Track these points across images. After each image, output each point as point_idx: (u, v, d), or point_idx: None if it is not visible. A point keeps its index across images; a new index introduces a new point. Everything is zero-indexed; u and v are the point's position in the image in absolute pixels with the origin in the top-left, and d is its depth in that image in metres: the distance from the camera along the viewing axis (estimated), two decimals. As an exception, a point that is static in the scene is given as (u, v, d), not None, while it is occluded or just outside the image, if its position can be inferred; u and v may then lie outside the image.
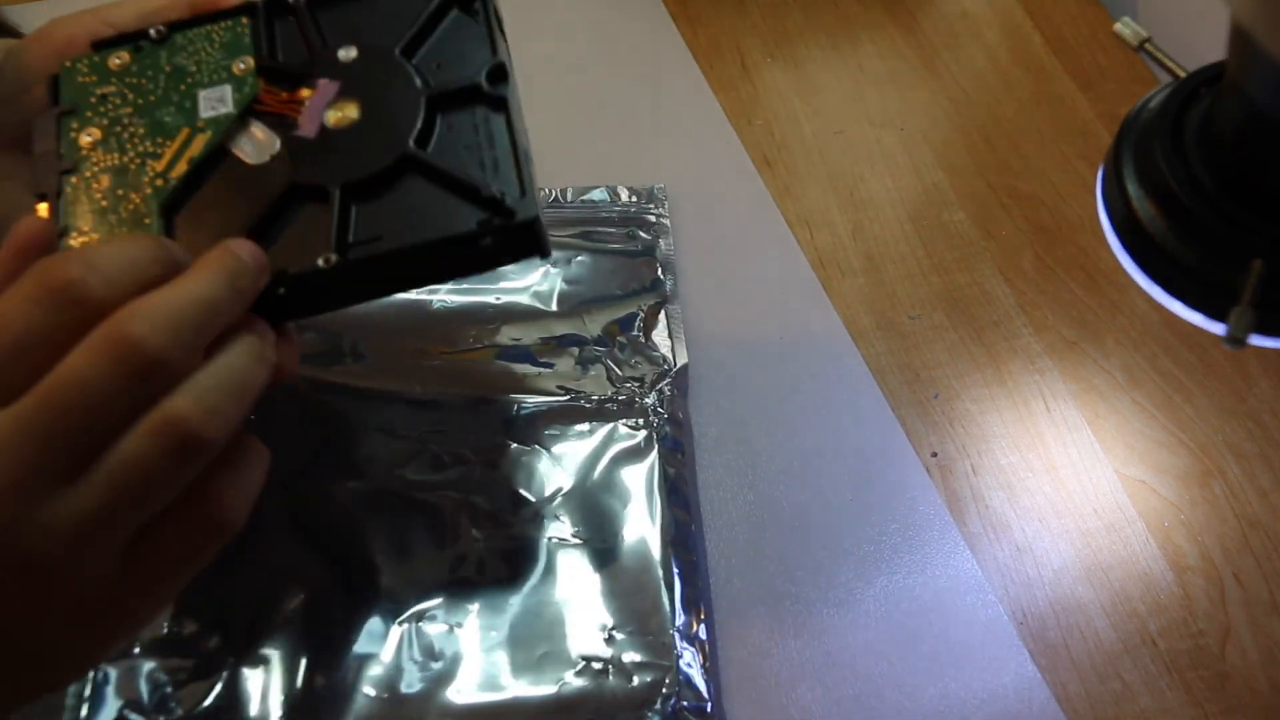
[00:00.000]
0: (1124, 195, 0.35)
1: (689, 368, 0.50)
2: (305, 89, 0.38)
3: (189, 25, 0.40)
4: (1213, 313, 0.34)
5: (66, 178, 0.37)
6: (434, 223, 0.36)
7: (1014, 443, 0.50)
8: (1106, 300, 0.55)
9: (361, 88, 0.38)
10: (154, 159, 0.37)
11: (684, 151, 0.59)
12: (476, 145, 0.38)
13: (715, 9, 0.65)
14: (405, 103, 0.38)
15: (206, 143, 0.37)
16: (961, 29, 0.66)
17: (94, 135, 0.38)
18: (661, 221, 0.55)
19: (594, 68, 0.62)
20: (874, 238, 0.57)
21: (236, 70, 0.39)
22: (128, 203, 0.36)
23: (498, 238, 0.36)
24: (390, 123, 0.37)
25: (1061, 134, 0.61)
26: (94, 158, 0.37)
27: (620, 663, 0.43)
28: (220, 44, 0.40)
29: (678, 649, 0.43)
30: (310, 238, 0.36)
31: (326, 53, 0.39)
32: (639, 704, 0.42)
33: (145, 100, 0.38)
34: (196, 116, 0.38)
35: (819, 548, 0.46)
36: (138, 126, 0.38)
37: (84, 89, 0.39)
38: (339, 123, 0.37)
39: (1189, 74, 0.36)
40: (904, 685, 0.43)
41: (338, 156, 0.37)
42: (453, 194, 0.36)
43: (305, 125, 0.37)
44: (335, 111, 0.38)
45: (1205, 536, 0.48)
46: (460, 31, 0.40)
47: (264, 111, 0.38)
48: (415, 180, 0.37)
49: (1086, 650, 0.45)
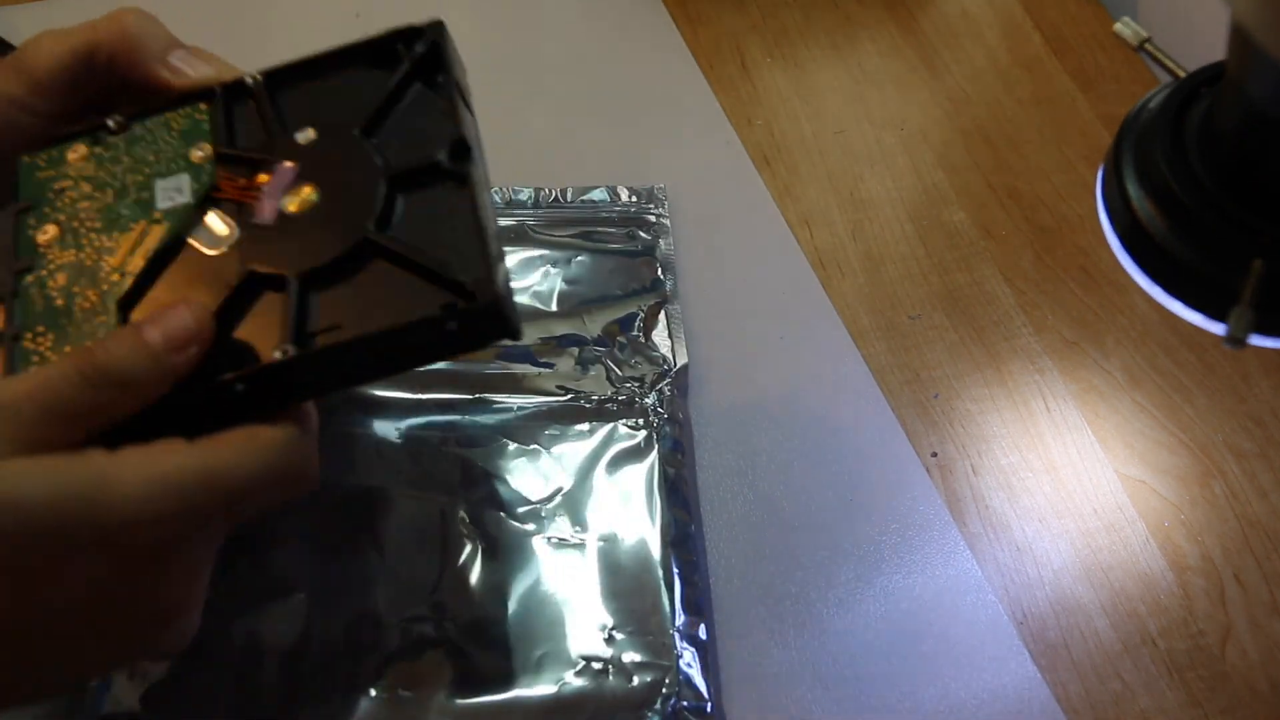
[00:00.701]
0: (1124, 195, 0.35)
1: (689, 368, 0.50)
2: (263, 174, 0.37)
3: (147, 114, 0.39)
4: (1213, 313, 0.34)
5: (22, 277, 0.36)
6: (396, 309, 0.34)
7: (1014, 443, 0.50)
8: (1106, 300, 0.55)
9: (320, 170, 0.37)
10: (110, 254, 0.36)
11: (684, 151, 0.59)
12: (439, 225, 0.36)
13: (715, 9, 0.65)
14: (365, 184, 0.36)
15: (163, 235, 0.36)
16: (961, 29, 0.66)
17: (51, 232, 0.37)
18: (661, 221, 0.55)
19: (594, 68, 0.62)
20: (874, 237, 0.57)
21: (194, 158, 0.38)
22: (84, 300, 0.35)
23: (463, 321, 0.34)
24: (349, 205, 0.36)
25: (1061, 134, 0.61)
26: (50, 255, 0.36)
27: (620, 663, 0.43)
28: (178, 131, 0.38)
29: (678, 649, 0.43)
30: (269, 329, 0.34)
31: (285, 135, 0.37)
32: (639, 704, 0.42)
33: (103, 193, 0.38)
34: (153, 208, 0.37)
35: (819, 548, 0.46)
36: (95, 221, 0.37)
37: (42, 184, 0.38)
38: (298, 207, 0.36)
39: (1189, 74, 0.36)
40: (904, 685, 0.43)
41: (296, 243, 0.35)
42: (415, 277, 0.35)
43: (262, 212, 0.36)
44: (293, 196, 0.36)
45: (1205, 537, 0.48)
46: (422, 106, 0.38)
47: (222, 199, 0.37)
48: (376, 265, 0.35)
49: (1086, 650, 0.45)
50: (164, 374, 0.32)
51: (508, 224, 0.54)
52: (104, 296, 0.35)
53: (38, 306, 0.36)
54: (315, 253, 0.35)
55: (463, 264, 0.34)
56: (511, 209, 0.55)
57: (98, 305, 0.35)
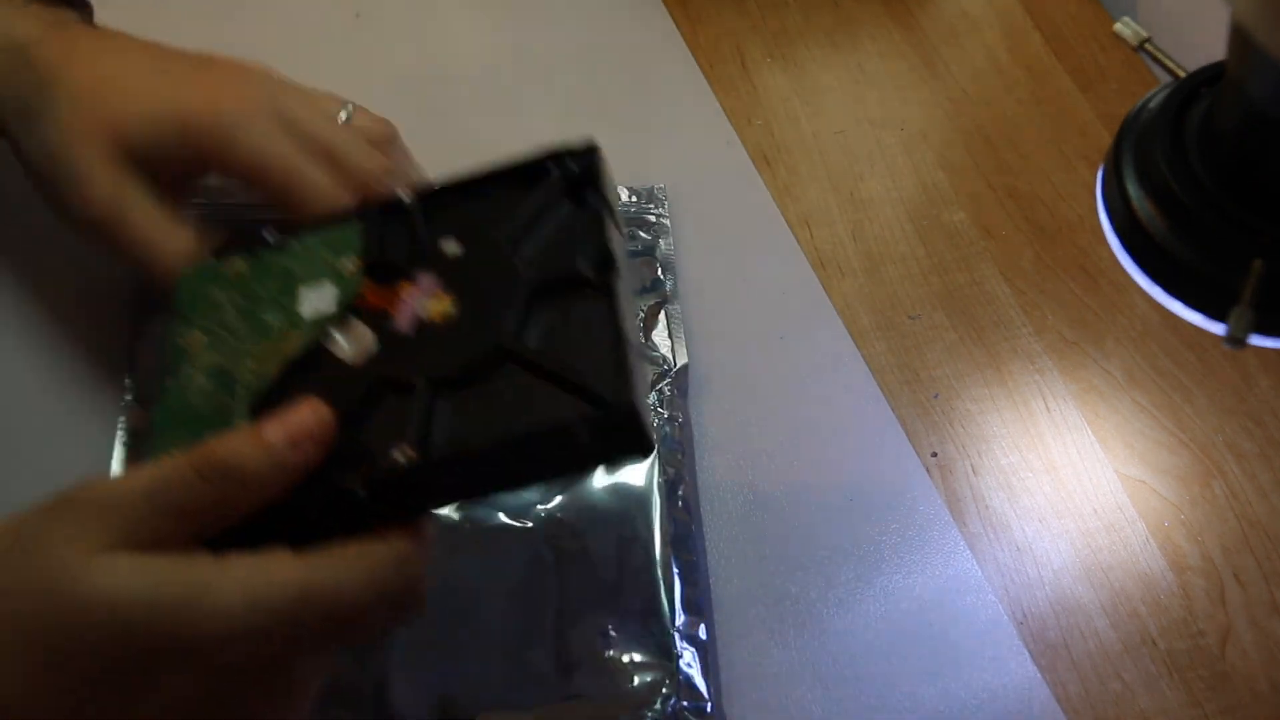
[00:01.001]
0: (1124, 195, 0.35)
1: (689, 368, 0.50)
2: (406, 284, 0.37)
3: (303, 230, 0.40)
4: (1213, 313, 0.34)
5: (166, 380, 0.37)
6: (527, 417, 0.33)
7: (1014, 443, 0.50)
8: (1106, 300, 0.55)
9: (462, 280, 0.37)
10: (250, 358, 0.37)
11: (684, 151, 0.59)
12: (577, 336, 0.35)
13: (715, 9, 0.65)
14: (505, 293, 0.36)
15: (303, 341, 0.36)
16: (961, 29, 0.66)
17: (198, 339, 0.38)
18: (661, 222, 0.55)
19: (594, 67, 0.62)
20: (874, 238, 0.57)
21: (342, 270, 0.38)
22: (221, 402, 0.36)
23: (595, 432, 0.33)
24: (488, 314, 0.36)
25: (1061, 134, 0.61)
26: (195, 359, 0.37)
27: (620, 663, 0.43)
28: (330, 245, 0.39)
29: (678, 649, 0.43)
30: (393, 436, 0.33)
31: (430, 246, 0.38)
32: (639, 704, 0.42)
33: (251, 302, 0.38)
34: (298, 315, 0.37)
35: (819, 548, 0.46)
36: (240, 327, 0.38)
37: (197, 295, 0.39)
38: (437, 316, 0.36)
39: (1189, 74, 0.36)
40: (904, 685, 0.43)
41: (431, 350, 0.35)
42: (549, 385, 0.34)
43: (402, 320, 0.36)
44: (433, 305, 0.36)
45: (1205, 536, 0.48)
46: (569, 220, 0.38)
47: (363, 308, 0.37)
48: (510, 372, 0.35)
49: (1086, 650, 0.45)
50: (280, 471, 0.32)
51: None
52: (239, 399, 0.35)
53: (177, 407, 0.36)
54: (448, 359, 0.35)
55: (599, 374, 0.33)
56: None
57: (233, 407, 0.35)
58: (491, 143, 0.58)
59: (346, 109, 0.46)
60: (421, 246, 0.38)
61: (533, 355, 0.34)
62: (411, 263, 0.38)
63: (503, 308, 0.36)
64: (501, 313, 0.35)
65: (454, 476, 0.34)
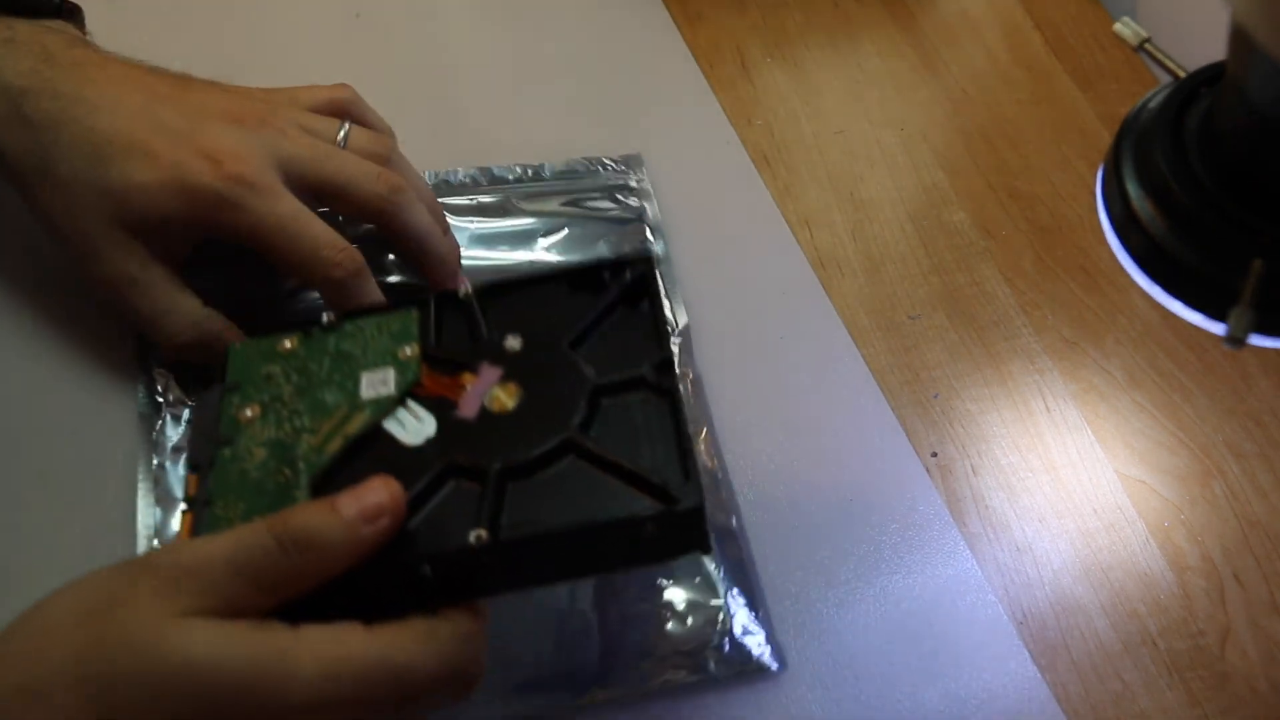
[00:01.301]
0: (1124, 195, 0.35)
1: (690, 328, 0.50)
2: (467, 374, 0.39)
3: (359, 314, 0.41)
4: (1213, 313, 0.34)
5: (221, 449, 0.37)
6: (593, 507, 0.35)
7: (1014, 443, 0.50)
8: (1106, 300, 0.55)
9: (524, 374, 0.38)
10: (310, 434, 0.37)
11: (684, 151, 0.59)
12: (638, 432, 0.37)
13: (715, 9, 0.65)
14: (569, 390, 0.38)
15: (364, 421, 0.38)
16: (961, 29, 0.66)
17: (254, 411, 0.38)
18: (644, 186, 0.56)
19: (593, 67, 0.62)
20: (874, 238, 0.57)
21: (401, 356, 0.39)
22: (279, 475, 0.36)
23: (660, 526, 0.35)
24: (552, 407, 0.37)
25: (1061, 134, 0.61)
26: (251, 431, 0.38)
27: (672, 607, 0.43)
28: (388, 332, 0.40)
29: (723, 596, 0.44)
30: (461, 518, 0.35)
31: (491, 341, 0.40)
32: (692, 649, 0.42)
33: (308, 380, 0.39)
34: (357, 396, 0.38)
35: (819, 548, 0.46)
36: (298, 404, 0.39)
37: (251, 367, 0.40)
38: (500, 406, 0.38)
39: (1189, 74, 0.36)
40: (904, 685, 0.43)
41: (497, 438, 0.37)
42: (613, 479, 0.36)
43: (465, 408, 0.38)
44: (496, 396, 0.38)
45: (1205, 536, 0.48)
46: (626, 323, 0.40)
47: (422, 394, 0.38)
48: (574, 464, 0.36)
49: (1086, 650, 0.45)
50: (355, 545, 0.32)
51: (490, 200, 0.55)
52: (299, 474, 0.36)
53: (232, 478, 0.37)
54: (516, 449, 0.36)
55: (668, 473, 0.35)
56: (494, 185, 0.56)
57: (292, 481, 0.36)
58: (491, 142, 0.58)
59: (344, 129, 0.46)
60: (480, 338, 0.40)
61: (600, 450, 0.36)
62: (471, 354, 0.39)
63: (566, 402, 0.37)
64: (565, 407, 0.37)
65: (520, 562, 0.35)
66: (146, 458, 0.45)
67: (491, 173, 0.55)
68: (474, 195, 0.54)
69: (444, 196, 0.53)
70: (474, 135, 0.58)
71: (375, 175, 0.45)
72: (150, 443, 0.45)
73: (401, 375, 0.39)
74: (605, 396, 0.38)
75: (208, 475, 0.37)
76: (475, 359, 0.39)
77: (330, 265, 0.43)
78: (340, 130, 0.46)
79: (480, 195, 0.54)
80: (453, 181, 0.55)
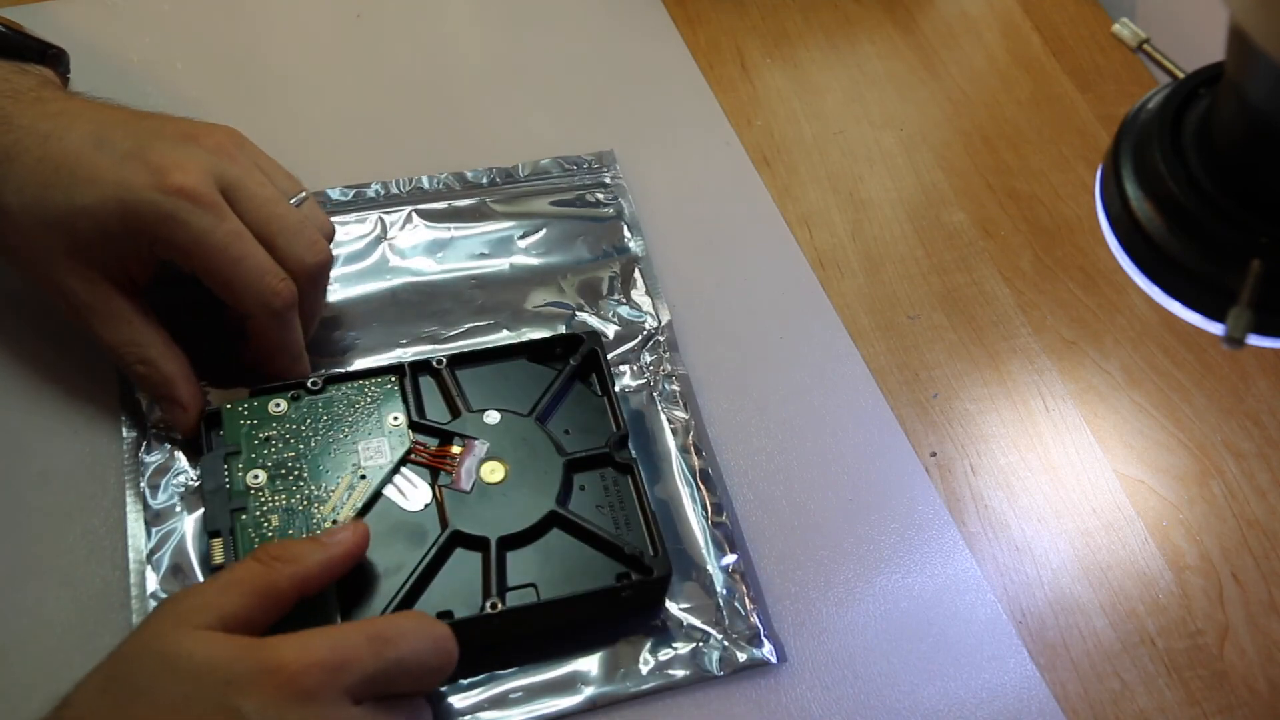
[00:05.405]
0: (1122, 195, 0.35)
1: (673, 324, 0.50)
2: (454, 446, 0.44)
3: (342, 380, 0.45)
4: (1211, 313, 0.34)
5: (237, 515, 0.41)
6: (580, 576, 0.41)
7: (1013, 443, 0.50)
8: (1105, 300, 0.55)
9: (505, 448, 0.44)
10: (320, 502, 0.42)
11: (683, 152, 0.59)
12: (608, 504, 0.44)
13: (715, 9, 0.65)
14: (547, 465, 0.44)
15: (368, 491, 0.42)
16: (961, 29, 0.66)
17: (260, 478, 0.42)
18: (618, 182, 0.56)
19: (593, 68, 0.62)
20: (873, 238, 0.57)
21: (390, 423, 0.44)
22: None
23: (635, 590, 0.41)
24: (535, 481, 0.43)
25: (1061, 134, 0.61)
26: (261, 497, 0.42)
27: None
28: (373, 398, 0.45)
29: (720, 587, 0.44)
30: (467, 584, 0.41)
31: (470, 413, 0.45)
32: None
33: (306, 446, 0.43)
34: (358, 465, 0.43)
35: (819, 548, 0.47)
36: (302, 471, 0.43)
37: (246, 431, 0.43)
38: (490, 479, 0.43)
39: (1188, 74, 0.36)
40: (904, 685, 0.44)
41: (491, 509, 0.42)
42: (593, 549, 0.42)
43: (461, 480, 0.43)
44: (487, 468, 0.43)
45: (1204, 536, 0.48)
46: (584, 402, 0.46)
47: (416, 463, 0.43)
48: (560, 536, 0.42)
49: (1085, 649, 0.45)
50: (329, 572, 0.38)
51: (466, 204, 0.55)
52: None
53: (255, 544, 0.41)
54: (509, 520, 0.42)
55: (634, 540, 0.42)
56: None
57: None
58: (491, 143, 0.58)
59: (300, 196, 0.46)
60: (457, 411, 0.45)
61: (582, 523, 0.42)
62: (454, 426, 0.44)
63: (547, 476, 0.43)
64: (547, 481, 0.43)
65: (517, 625, 0.41)
66: (134, 479, 0.44)
67: (465, 177, 0.55)
68: (450, 200, 0.54)
69: (422, 202, 0.54)
70: (471, 136, 0.58)
71: (313, 246, 0.44)
72: (136, 463, 0.45)
73: (394, 444, 0.44)
74: (576, 469, 0.44)
75: (230, 540, 0.41)
76: (458, 431, 0.44)
77: (271, 294, 0.42)
78: (300, 193, 0.46)
79: (456, 200, 0.54)
80: (427, 188, 0.55)
